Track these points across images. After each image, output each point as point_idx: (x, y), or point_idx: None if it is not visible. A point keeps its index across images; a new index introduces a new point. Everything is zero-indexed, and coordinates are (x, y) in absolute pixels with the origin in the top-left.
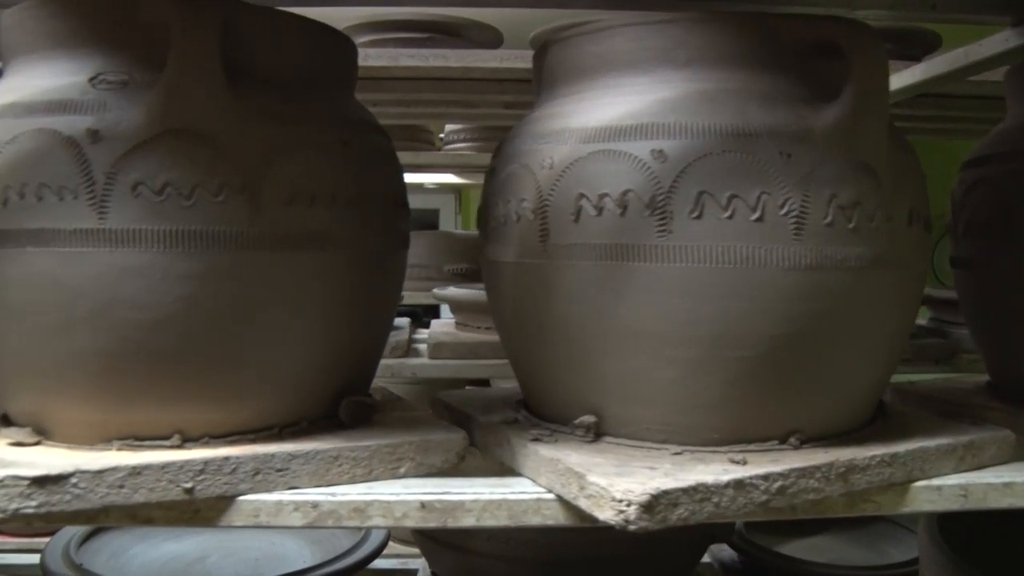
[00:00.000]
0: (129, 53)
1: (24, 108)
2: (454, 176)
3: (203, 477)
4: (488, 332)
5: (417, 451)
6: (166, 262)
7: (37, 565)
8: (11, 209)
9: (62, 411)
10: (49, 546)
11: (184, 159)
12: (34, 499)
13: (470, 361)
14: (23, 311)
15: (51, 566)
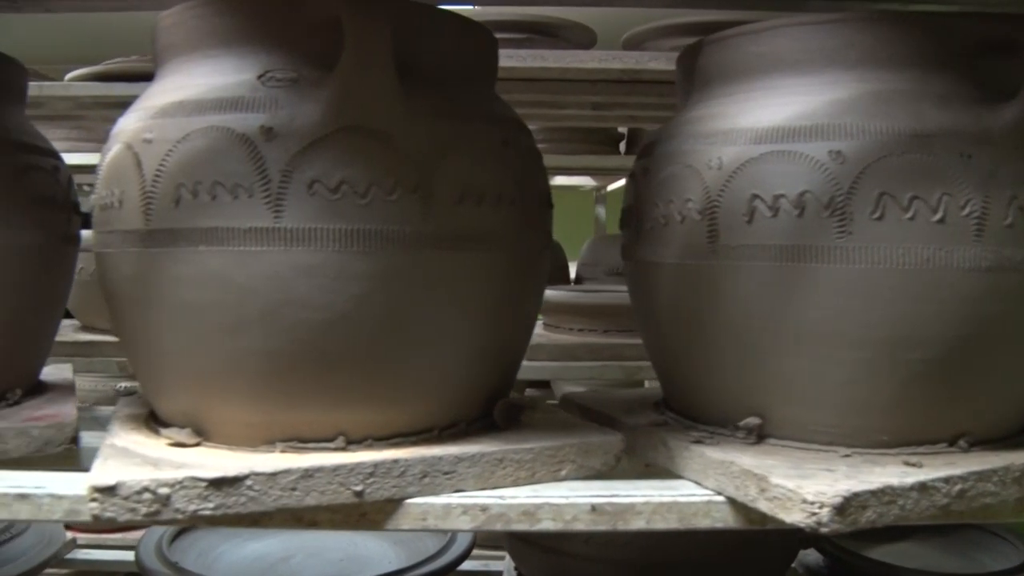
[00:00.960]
0: (297, 51)
1: (193, 106)
2: None
3: (372, 480)
4: (580, 334)
5: (578, 453)
6: (340, 262)
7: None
8: (184, 208)
9: (224, 412)
10: (142, 544)
11: (359, 157)
12: (211, 501)
13: (566, 363)
14: (192, 311)
15: (147, 563)
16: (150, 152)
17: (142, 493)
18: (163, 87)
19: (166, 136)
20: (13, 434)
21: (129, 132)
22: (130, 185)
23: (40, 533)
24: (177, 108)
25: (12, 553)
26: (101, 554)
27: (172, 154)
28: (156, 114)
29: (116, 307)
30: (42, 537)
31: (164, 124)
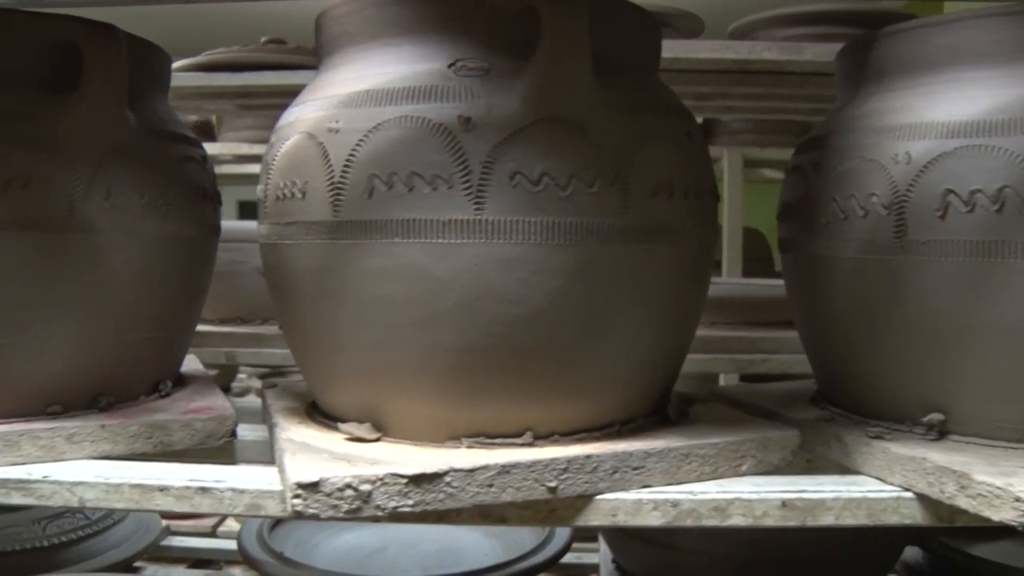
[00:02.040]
0: (486, 39)
1: (382, 95)
2: None
3: (566, 476)
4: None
5: (758, 448)
6: (540, 255)
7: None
8: (378, 199)
9: (408, 407)
10: (243, 533)
11: (559, 148)
12: (410, 498)
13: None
14: (382, 304)
15: (252, 553)
16: (337, 142)
17: (344, 490)
18: (340, 76)
19: (355, 126)
20: (178, 426)
21: (309, 122)
22: (315, 175)
23: (138, 521)
24: (364, 97)
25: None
26: (193, 541)
27: (364, 144)
28: (341, 103)
29: (290, 299)
30: (140, 524)
31: (351, 114)
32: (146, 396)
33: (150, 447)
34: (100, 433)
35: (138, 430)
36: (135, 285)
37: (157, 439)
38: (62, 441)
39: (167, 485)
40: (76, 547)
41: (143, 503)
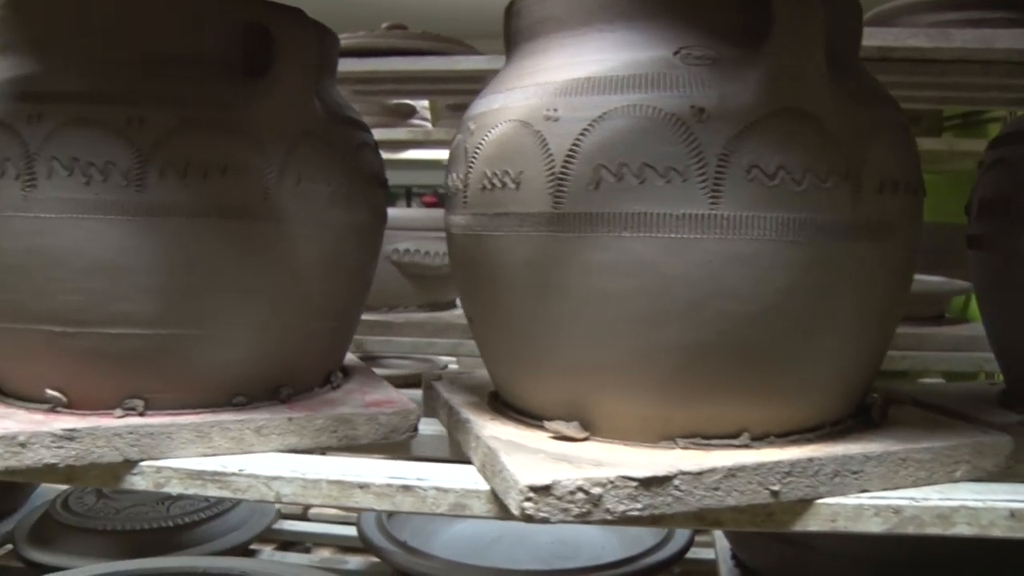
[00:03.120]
0: (710, 26)
1: (606, 83)
2: None
3: (789, 480)
4: None
5: (972, 454)
6: (774, 251)
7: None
8: (605, 191)
9: (620, 405)
10: (363, 520)
11: (794, 141)
12: (639, 501)
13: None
14: (604, 299)
15: (375, 540)
16: (557, 131)
17: (575, 493)
18: (549, 63)
19: (577, 114)
20: (363, 420)
21: (521, 109)
22: (532, 165)
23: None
24: (585, 85)
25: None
26: (302, 525)
27: (588, 133)
28: (558, 91)
29: (493, 291)
30: (255, 508)
31: (572, 102)
32: (319, 388)
33: (335, 441)
34: (287, 426)
35: (324, 423)
36: (319, 274)
37: (342, 433)
38: (251, 433)
39: (367, 482)
40: (198, 528)
41: (341, 500)
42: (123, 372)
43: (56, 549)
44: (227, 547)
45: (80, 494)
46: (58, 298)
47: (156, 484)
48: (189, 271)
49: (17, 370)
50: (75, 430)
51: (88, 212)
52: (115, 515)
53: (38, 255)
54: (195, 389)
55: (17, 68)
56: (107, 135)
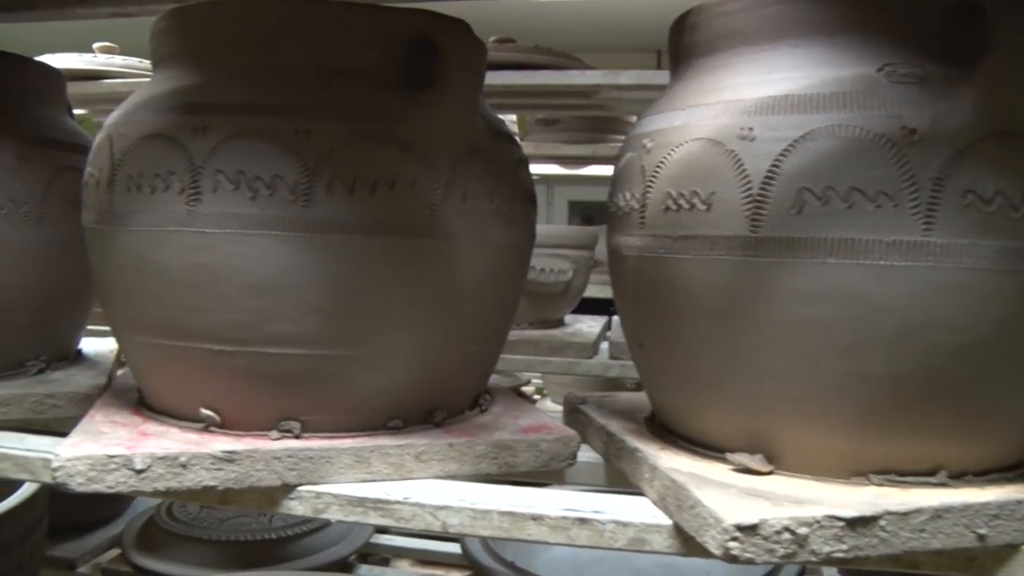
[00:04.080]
0: (915, 42)
1: (806, 101)
2: None
3: (996, 523)
4: None
5: None
6: (988, 281)
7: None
8: (809, 215)
9: (812, 438)
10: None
11: (1013, 165)
12: (845, 542)
13: None
14: (802, 328)
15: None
16: (753, 151)
17: (782, 533)
18: (737, 79)
19: (776, 134)
20: (524, 447)
21: (709, 128)
22: (725, 186)
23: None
24: (783, 103)
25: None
26: (401, 540)
27: (789, 154)
28: (751, 109)
29: (671, 315)
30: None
31: (768, 121)
32: (469, 411)
33: (495, 468)
34: (448, 452)
35: (485, 450)
36: (479, 294)
37: (503, 460)
38: (411, 459)
39: (541, 514)
40: (300, 541)
41: (512, 532)
42: (280, 393)
43: (162, 556)
44: (328, 561)
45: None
46: (219, 316)
47: (314, 510)
48: (353, 290)
49: (171, 387)
50: (235, 452)
51: (253, 228)
52: (219, 525)
53: (201, 271)
54: (352, 412)
55: (177, 80)
56: (274, 148)
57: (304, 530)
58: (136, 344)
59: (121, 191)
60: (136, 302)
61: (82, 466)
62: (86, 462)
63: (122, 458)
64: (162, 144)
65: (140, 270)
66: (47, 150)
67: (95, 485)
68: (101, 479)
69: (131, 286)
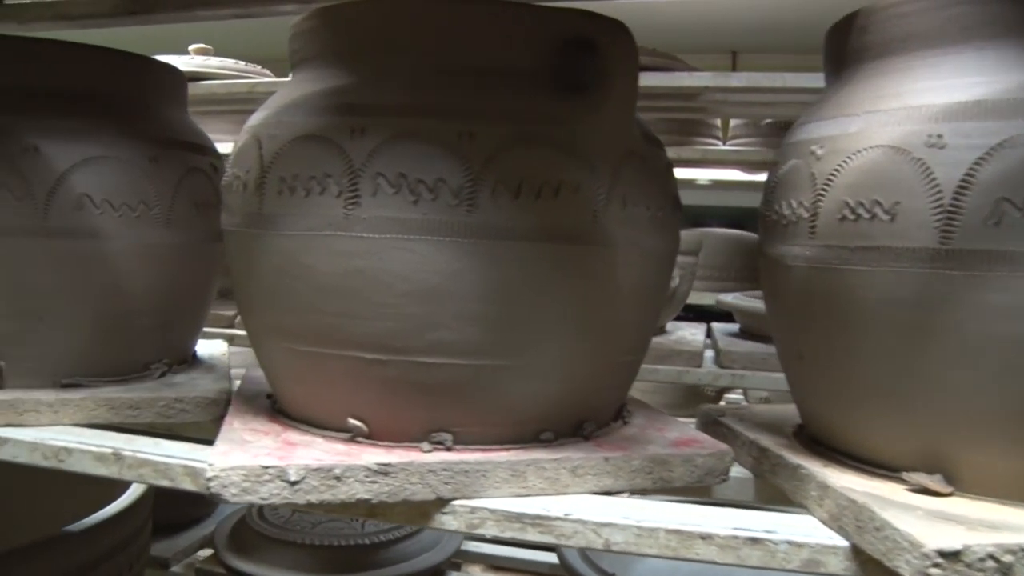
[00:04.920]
0: None
1: (1004, 107)
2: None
3: None
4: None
5: None
6: None
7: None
8: (1008, 227)
9: (1000, 458)
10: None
11: None
12: None
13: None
14: (997, 344)
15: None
16: (944, 159)
17: (985, 560)
18: (915, 84)
19: (969, 142)
20: (679, 462)
21: (891, 134)
22: (912, 196)
23: None
24: (975, 109)
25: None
26: (491, 548)
27: (986, 163)
28: (939, 115)
29: (840, 327)
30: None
31: (961, 128)
32: (613, 423)
33: (649, 483)
34: (603, 467)
35: (640, 464)
36: (633, 304)
37: (657, 475)
38: (566, 474)
39: (710, 533)
40: (393, 547)
41: (680, 551)
42: (433, 403)
43: (255, 558)
44: (422, 568)
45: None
46: (374, 324)
47: (469, 525)
48: (512, 299)
49: (316, 395)
50: (390, 465)
51: (414, 233)
52: (311, 529)
53: (357, 277)
54: (504, 423)
55: (326, 80)
56: (437, 151)
57: (397, 536)
58: (279, 351)
59: (272, 194)
60: (284, 308)
61: (236, 476)
62: (240, 472)
63: (276, 469)
64: (318, 146)
65: (291, 275)
66: (175, 151)
67: (248, 496)
68: (255, 490)
69: (279, 292)
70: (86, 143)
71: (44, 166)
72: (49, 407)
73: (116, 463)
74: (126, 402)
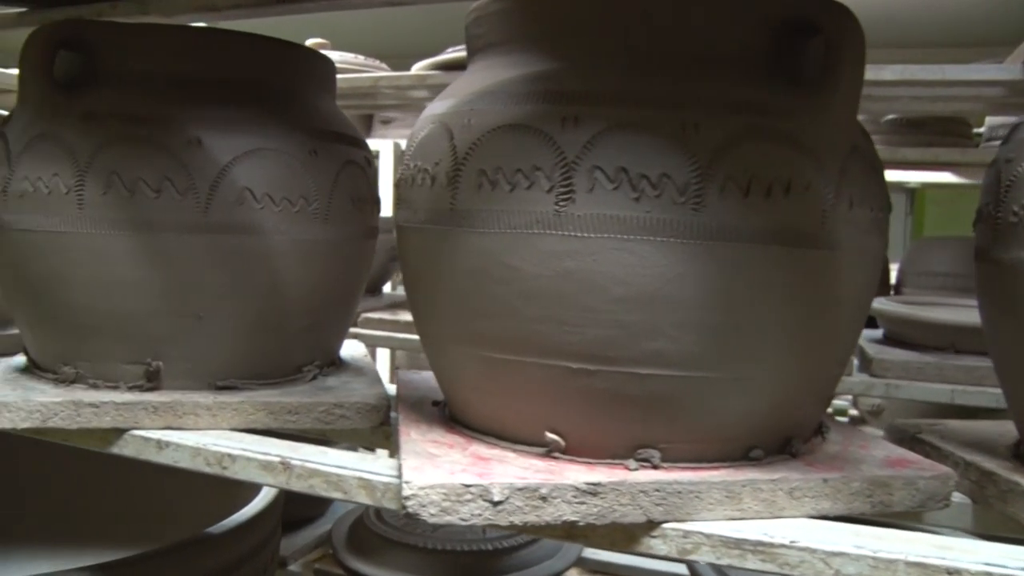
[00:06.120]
0: None
1: None
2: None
3: None
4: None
5: None
6: None
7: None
8: None
9: None
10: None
11: None
12: None
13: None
14: None
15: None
16: None
17: None
18: None
19: None
20: (900, 484)
21: None
22: None
23: None
24: None
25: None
26: (612, 556)
27: None
28: None
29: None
30: None
31: None
32: (813, 438)
33: (868, 507)
34: (822, 488)
35: (859, 487)
36: (848, 311)
37: (877, 498)
38: (783, 496)
39: (958, 568)
40: (515, 554)
41: None
42: (640, 417)
43: (373, 560)
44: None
45: None
46: (584, 331)
47: (681, 551)
48: (735, 306)
49: (510, 407)
50: (599, 485)
51: (635, 232)
52: (431, 532)
53: (567, 280)
54: (713, 440)
55: (523, 66)
56: (660, 143)
57: (518, 542)
58: (467, 357)
59: (469, 188)
60: (478, 312)
61: (435, 496)
62: (440, 491)
63: (478, 488)
64: (523, 136)
65: (490, 277)
66: (333, 144)
67: (447, 517)
68: (455, 510)
69: (474, 294)
70: (248, 135)
71: (207, 159)
72: (207, 410)
73: (284, 473)
74: (284, 407)
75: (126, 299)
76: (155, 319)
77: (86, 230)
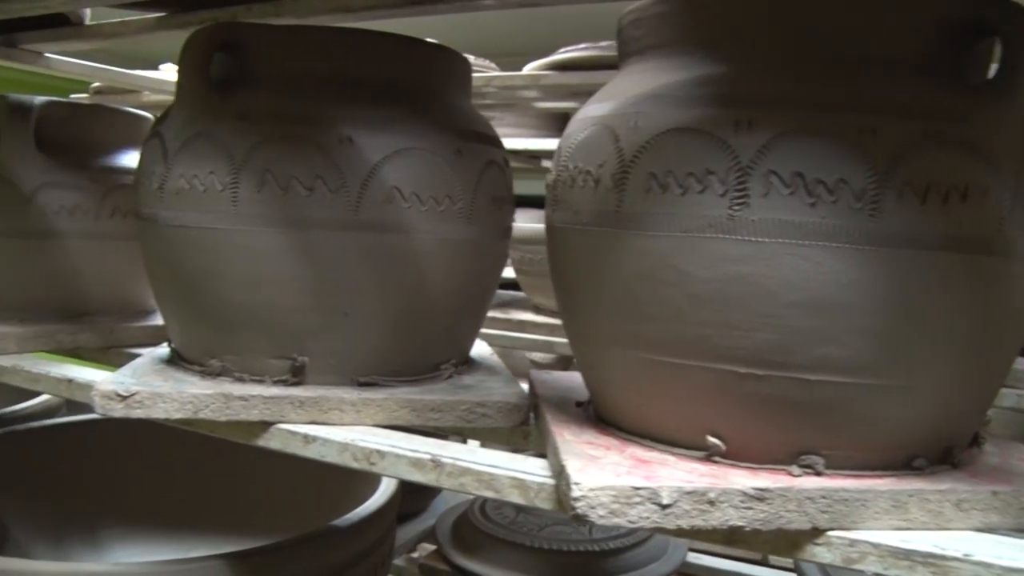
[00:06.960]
0: None
1: None
2: None
3: None
4: None
5: None
6: None
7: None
8: None
9: None
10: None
11: None
12: None
13: None
14: None
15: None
16: None
17: None
18: None
19: None
20: None
21: None
22: None
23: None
24: None
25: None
26: (716, 562)
27: None
28: None
29: None
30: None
31: None
32: (970, 449)
33: None
34: (991, 501)
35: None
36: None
37: None
38: (950, 507)
39: None
40: (621, 555)
41: None
42: (805, 423)
43: (480, 557)
44: None
45: (496, 502)
46: (752, 335)
47: (846, 559)
48: (908, 313)
49: (669, 410)
50: (766, 490)
51: (810, 238)
52: (538, 531)
53: (739, 284)
54: (877, 448)
55: (690, 69)
56: (837, 148)
57: (627, 544)
58: (626, 359)
59: (637, 191)
60: (643, 315)
61: (605, 498)
62: (609, 493)
63: (647, 491)
64: (694, 139)
65: (658, 280)
66: (475, 143)
67: (616, 519)
68: (623, 512)
69: (639, 297)
70: (397, 134)
71: (358, 157)
72: (352, 406)
73: (435, 470)
74: (427, 404)
75: (275, 295)
76: (302, 315)
77: (239, 227)
